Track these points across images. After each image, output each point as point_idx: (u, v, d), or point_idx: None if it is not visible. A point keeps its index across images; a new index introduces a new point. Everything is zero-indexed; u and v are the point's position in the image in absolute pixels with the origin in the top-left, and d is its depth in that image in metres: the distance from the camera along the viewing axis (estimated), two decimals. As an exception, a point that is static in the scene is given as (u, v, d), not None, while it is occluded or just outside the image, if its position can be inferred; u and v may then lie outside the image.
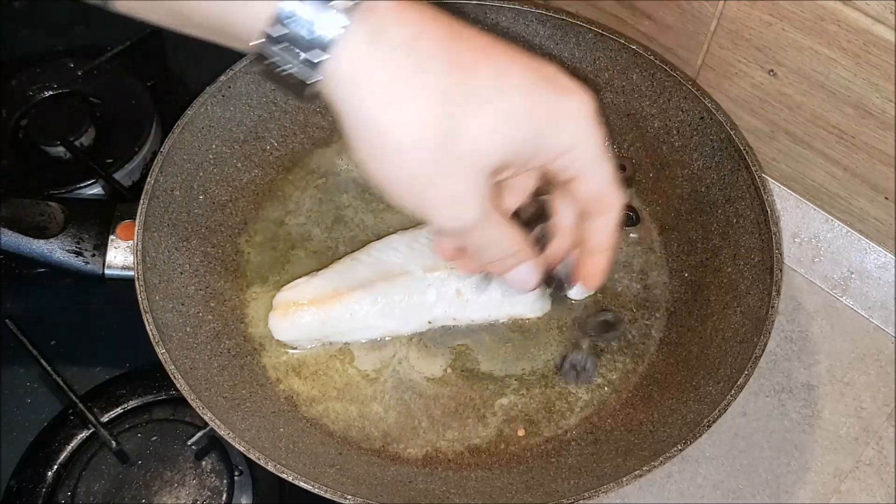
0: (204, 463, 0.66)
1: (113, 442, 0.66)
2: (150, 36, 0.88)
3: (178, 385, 0.61)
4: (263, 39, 0.43)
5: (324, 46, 0.42)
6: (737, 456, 0.70)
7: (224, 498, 0.65)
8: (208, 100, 0.74)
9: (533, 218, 0.59)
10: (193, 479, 0.66)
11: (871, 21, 0.63)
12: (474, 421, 0.67)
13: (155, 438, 0.67)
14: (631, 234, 0.76)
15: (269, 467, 0.58)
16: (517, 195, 0.55)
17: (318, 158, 0.79)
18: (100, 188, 0.80)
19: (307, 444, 0.64)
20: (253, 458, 0.59)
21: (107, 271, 0.71)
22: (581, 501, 0.58)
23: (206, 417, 0.60)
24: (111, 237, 0.71)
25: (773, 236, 0.67)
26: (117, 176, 0.80)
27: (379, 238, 0.72)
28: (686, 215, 0.75)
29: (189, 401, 0.60)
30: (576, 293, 0.72)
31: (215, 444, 0.66)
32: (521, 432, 0.67)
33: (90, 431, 0.68)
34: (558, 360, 0.69)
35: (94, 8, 0.45)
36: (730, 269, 0.70)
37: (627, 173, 0.78)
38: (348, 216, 0.76)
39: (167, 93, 0.89)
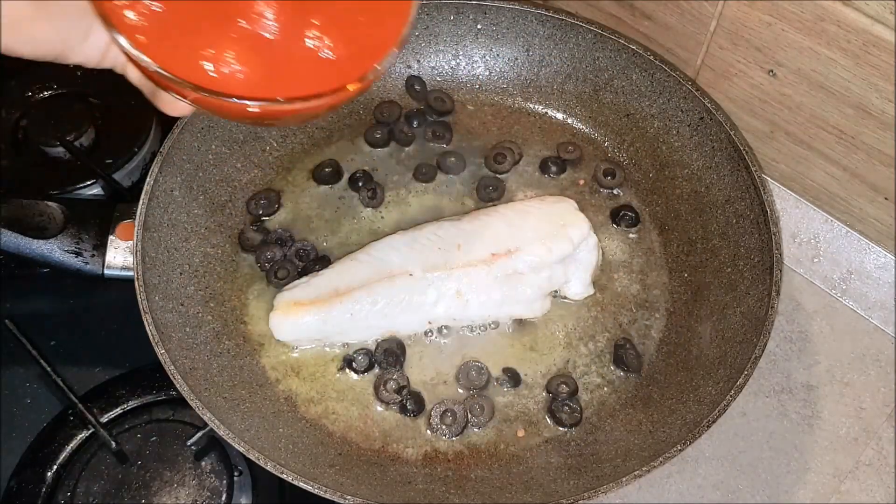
0: (204, 463, 0.66)
1: (113, 442, 0.66)
2: (150, 36, 0.87)
3: (177, 385, 0.61)
4: None
5: None
6: (737, 456, 0.70)
7: (224, 498, 0.65)
8: (208, 100, 0.74)
9: None
10: (193, 479, 0.66)
11: (871, 21, 0.63)
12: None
13: (155, 438, 0.67)
14: (631, 234, 0.76)
15: (269, 467, 0.58)
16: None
17: (318, 158, 0.79)
18: (100, 188, 0.80)
19: (307, 444, 0.64)
20: (253, 458, 0.59)
21: (107, 271, 0.71)
22: (581, 501, 0.58)
23: (205, 417, 0.60)
24: (111, 237, 0.71)
25: (773, 236, 0.67)
26: (117, 176, 0.80)
27: (379, 238, 0.72)
28: (686, 215, 0.75)
29: (189, 401, 0.60)
30: (576, 293, 0.72)
31: (215, 444, 0.66)
32: (520, 432, 0.66)
33: (90, 432, 0.68)
34: (560, 361, 0.69)
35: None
36: (730, 270, 0.70)
37: (627, 173, 0.77)
38: (348, 216, 0.76)
39: (167, 93, 0.89)
